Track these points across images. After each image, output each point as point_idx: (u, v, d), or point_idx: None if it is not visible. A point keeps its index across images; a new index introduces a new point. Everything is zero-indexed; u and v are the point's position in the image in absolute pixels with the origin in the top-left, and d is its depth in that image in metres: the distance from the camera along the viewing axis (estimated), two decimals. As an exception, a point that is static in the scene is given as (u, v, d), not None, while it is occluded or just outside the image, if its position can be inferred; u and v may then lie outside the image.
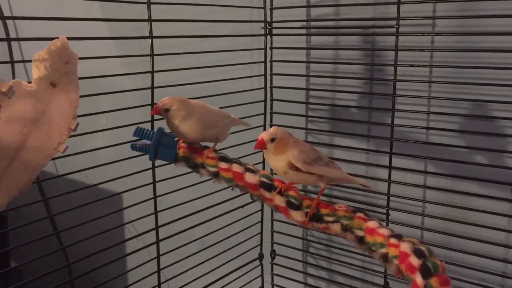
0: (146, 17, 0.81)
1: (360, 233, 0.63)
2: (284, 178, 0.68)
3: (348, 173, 0.70)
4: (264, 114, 1.03)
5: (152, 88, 0.84)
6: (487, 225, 0.82)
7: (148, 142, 0.74)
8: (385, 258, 0.59)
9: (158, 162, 0.80)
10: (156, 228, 0.89)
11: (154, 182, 0.87)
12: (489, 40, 0.81)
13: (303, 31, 1.01)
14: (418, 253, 0.55)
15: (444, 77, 0.87)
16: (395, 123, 0.89)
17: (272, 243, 1.09)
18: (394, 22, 0.85)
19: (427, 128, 0.90)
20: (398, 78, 0.87)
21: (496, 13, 0.80)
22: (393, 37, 0.86)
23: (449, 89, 0.87)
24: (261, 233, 1.08)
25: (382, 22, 0.92)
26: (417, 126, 0.90)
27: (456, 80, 0.85)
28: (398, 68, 0.87)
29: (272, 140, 0.65)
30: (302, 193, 0.70)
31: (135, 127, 0.74)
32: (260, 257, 1.08)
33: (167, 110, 0.71)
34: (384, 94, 0.92)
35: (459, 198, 0.87)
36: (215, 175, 0.73)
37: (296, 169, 0.66)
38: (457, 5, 0.84)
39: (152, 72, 0.83)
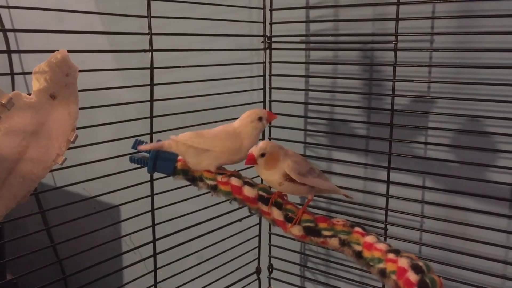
0: (147, 31, 0.82)
1: (358, 247, 0.63)
2: (279, 189, 0.69)
3: (343, 187, 0.71)
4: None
5: (152, 101, 0.84)
6: (486, 241, 0.82)
7: (147, 154, 0.74)
8: (383, 273, 0.59)
9: (156, 174, 0.80)
10: (154, 241, 0.89)
11: (152, 195, 0.87)
12: (486, 56, 0.82)
13: (302, 45, 1.02)
14: (416, 268, 0.55)
15: (442, 93, 0.88)
16: (393, 138, 0.89)
17: (270, 257, 1.08)
18: (392, 38, 0.86)
19: (425, 143, 0.90)
20: (396, 93, 0.88)
21: (493, 30, 0.81)
22: (392, 53, 0.87)
23: (447, 105, 0.87)
24: (259, 247, 1.07)
25: (380, 38, 0.92)
26: (415, 141, 0.90)
27: (454, 95, 0.86)
28: (396, 83, 0.87)
29: (262, 155, 0.66)
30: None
31: (134, 139, 0.74)
32: (258, 271, 1.08)
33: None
34: (382, 109, 0.93)
35: (457, 213, 0.87)
36: (213, 188, 0.73)
37: (291, 180, 0.66)
38: (456, 21, 0.84)
39: (151, 85, 0.84)
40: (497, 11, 0.78)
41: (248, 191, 0.70)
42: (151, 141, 0.84)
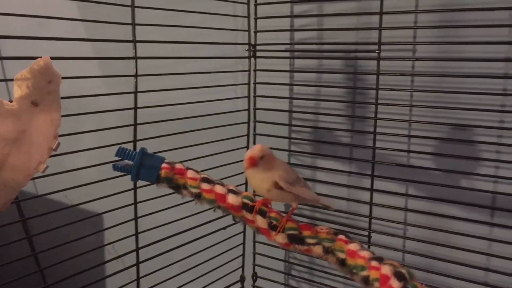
0: (131, 38, 0.81)
1: (341, 255, 0.63)
2: (266, 196, 0.69)
3: (327, 195, 0.71)
4: (248, 135, 1.04)
5: (135, 108, 0.84)
6: (468, 248, 0.83)
7: (130, 162, 0.74)
8: (366, 281, 0.59)
9: (140, 182, 0.79)
10: (137, 249, 0.88)
11: (135, 203, 0.86)
12: (468, 66, 0.83)
13: (287, 54, 1.03)
14: (398, 276, 0.55)
15: (424, 101, 0.89)
16: (376, 146, 0.90)
17: (254, 265, 1.08)
18: (376, 47, 0.87)
19: (408, 151, 0.91)
20: (379, 101, 0.89)
21: (475, 40, 0.82)
22: (375, 62, 0.88)
23: (430, 113, 0.88)
24: (243, 255, 1.07)
25: (364, 47, 0.93)
26: (398, 149, 0.91)
27: (437, 104, 0.87)
28: (379, 91, 0.88)
29: (262, 157, 0.66)
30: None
31: (117, 147, 0.74)
32: (242, 279, 1.07)
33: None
34: (366, 117, 0.93)
35: (440, 221, 0.88)
36: (197, 196, 0.73)
37: (279, 188, 0.66)
38: (438, 31, 0.86)
39: (135, 92, 0.83)
40: (478, 21, 0.80)
41: (232, 199, 0.70)
42: (134, 148, 0.83)
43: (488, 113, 0.82)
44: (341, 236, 0.65)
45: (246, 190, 1.00)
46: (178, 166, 0.76)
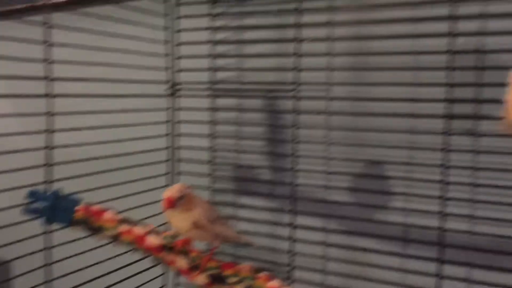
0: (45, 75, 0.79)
1: (263, 292, 0.63)
2: (187, 235, 0.68)
3: (249, 232, 0.72)
4: (169, 174, 1.02)
5: (48, 148, 0.80)
6: (383, 279, 0.86)
7: (43, 204, 0.70)
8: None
9: (53, 226, 0.75)
10: (49, 298, 0.82)
11: (47, 248, 0.81)
12: (378, 105, 0.88)
13: (208, 92, 1.04)
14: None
15: (341, 139, 0.92)
16: (296, 182, 0.92)
17: (177, 308, 1.05)
18: (293, 87, 0.91)
19: (327, 187, 0.94)
20: (298, 139, 0.92)
21: (383, 81, 0.88)
22: (293, 101, 0.91)
23: (346, 150, 0.92)
24: (165, 298, 1.04)
25: (282, 87, 0.96)
26: (317, 185, 0.94)
27: (352, 141, 0.91)
28: (299, 130, 0.91)
29: (181, 198, 0.65)
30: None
31: (28, 189, 0.70)
32: (164, 324, 1.03)
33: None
34: (285, 154, 0.96)
35: (358, 254, 0.91)
36: (115, 239, 0.71)
37: (200, 226, 0.66)
38: (350, 73, 0.91)
39: (48, 131, 0.80)
40: (387, 63, 0.86)
41: (152, 240, 0.68)
42: (47, 190, 0.79)
43: (399, 149, 0.87)
44: (262, 274, 0.65)
45: (167, 231, 0.98)
46: (95, 207, 0.73)
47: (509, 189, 0.78)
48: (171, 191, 0.65)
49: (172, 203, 0.64)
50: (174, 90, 1.02)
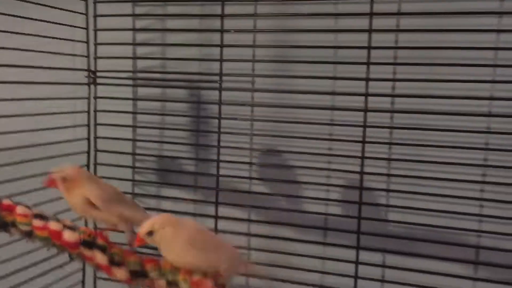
0: None
1: (185, 286, 0.62)
2: (83, 215, 0.69)
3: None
4: (88, 165, 0.98)
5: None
6: (305, 268, 0.89)
7: None
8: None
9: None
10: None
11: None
12: (301, 98, 0.90)
13: (129, 81, 1.01)
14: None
15: (263, 130, 0.93)
16: (220, 173, 0.92)
17: (97, 303, 1.02)
18: (217, 78, 0.90)
19: (250, 178, 0.95)
20: (222, 130, 0.92)
21: (305, 74, 0.89)
22: (217, 92, 0.91)
23: (269, 141, 0.93)
24: (84, 293, 1.00)
25: (206, 77, 0.96)
26: (241, 176, 0.94)
27: (274, 133, 0.92)
28: (222, 120, 0.91)
29: (64, 179, 0.67)
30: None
31: None
32: (83, 320, 1.00)
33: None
34: (209, 145, 0.95)
35: (280, 244, 0.92)
36: (29, 234, 0.67)
37: (93, 206, 0.66)
38: (274, 65, 0.92)
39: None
40: (307, 57, 0.88)
41: (69, 236, 0.65)
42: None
43: (319, 141, 0.89)
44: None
45: (85, 225, 0.94)
46: (6, 201, 0.69)
47: (421, 179, 0.83)
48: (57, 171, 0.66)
49: (53, 183, 0.66)
50: (92, 78, 0.98)
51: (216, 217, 0.93)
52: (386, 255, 0.88)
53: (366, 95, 0.83)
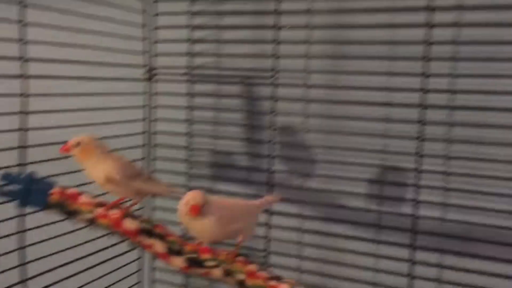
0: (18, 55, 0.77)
1: (241, 276, 0.63)
2: (103, 189, 0.71)
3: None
4: (146, 159, 1.02)
5: (23, 130, 0.79)
6: (357, 264, 0.88)
7: (17, 187, 0.69)
8: (265, 300, 0.60)
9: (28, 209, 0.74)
10: (24, 281, 0.81)
11: (21, 231, 0.80)
12: (355, 94, 0.90)
13: (185, 78, 1.03)
14: (295, 293, 0.57)
15: (318, 125, 0.93)
16: (273, 169, 0.93)
17: (152, 293, 1.05)
18: (271, 74, 0.91)
19: (303, 173, 0.95)
20: (275, 126, 0.92)
21: (360, 70, 0.89)
22: (271, 88, 0.91)
23: (322, 137, 0.93)
24: (141, 282, 1.03)
25: (261, 73, 0.96)
26: (295, 172, 0.95)
27: (329, 128, 0.92)
28: (275, 116, 0.92)
29: (77, 144, 0.69)
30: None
31: (1, 171, 0.69)
32: (139, 308, 1.04)
33: None
34: (263, 141, 0.96)
35: (333, 240, 0.92)
36: (92, 222, 0.70)
37: (113, 181, 0.69)
38: (328, 62, 0.91)
39: (23, 113, 0.78)
40: (365, 53, 0.87)
41: (129, 224, 0.68)
42: (21, 173, 0.78)
43: (374, 137, 0.88)
44: (240, 258, 0.65)
45: (144, 215, 0.97)
46: (71, 191, 0.72)
47: (480, 178, 0.81)
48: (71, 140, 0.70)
49: (67, 149, 0.70)
50: (151, 74, 1.01)
51: (269, 212, 0.94)
52: (442, 255, 0.85)
53: (424, 91, 0.81)
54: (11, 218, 0.78)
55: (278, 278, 0.61)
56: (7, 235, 0.78)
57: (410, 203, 0.85)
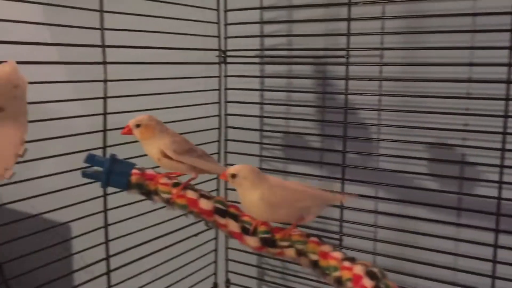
0: (99, 43, 0.80)
1: (314, 257, 0.63)
2: (159, 164, 0.73)
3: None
4: (219, 141, 1.03)
5: (105, 114, 0.82)
6: (436, 249, 0.85)
7: (100, 169, 0.72)
8: (339, 281, 0.59)
9: (110, 189, 0.78)
10: (107, 258, 0.86)
11: (105, 210, 0.84)
12: (433, 70, 0.86)
13: (257, 60, 1.03)
14: (371, 275, 0.56)
15: (392, 105, 0.90)
16: (346, 149, 0.91)
17: (227, 271, 1.07)
18: (344, 53, 0.89)
19: (378, 154, 0.92)
20: (348, 106, 0.90)
21: (438, 45, 0.84)
22: (344, 67, 0.89)
23: (397, 117, 0.90)
24: (215, 262, 1.06)
25: (333, 53, 0.95)
26: (368, 153, 0.92)
27: (404, 108, 0.89)
28: (348, 96, 0.90)
29: (138, 125, 0.71)
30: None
31: (86, 154, 0.73)
32: (215, 286, 1.07)
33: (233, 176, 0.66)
34: (336, 121, 0.94)
35: (409, 222, 0.89)
36: (169, 202, 0.72)
37: (169, 157, 0.70)
38: (404, 37, 0.88)
39: (105, 98, 0.82)
40: (441, 27, 0.82)
41: (204, 204, 0.69)
42: (104, 155, 0.82)
43: (453, 116, 0.84)
44: (313, 238, 0.65)
45: (218, 195, 0.99)
46: (149, 171, 0.75)
47: None
48: (131, 121, 0.72)
49: (128, 131, 0.71)
50: (223, 57, 1.02)
51: (343, 194, 0.92)
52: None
53: (510, 65, 0.76)
54: (95, 198, 0.83)
55: (352, 260, 0.60)
56: (93, 214, 0.83)
57: (495, 185, 0.80)
